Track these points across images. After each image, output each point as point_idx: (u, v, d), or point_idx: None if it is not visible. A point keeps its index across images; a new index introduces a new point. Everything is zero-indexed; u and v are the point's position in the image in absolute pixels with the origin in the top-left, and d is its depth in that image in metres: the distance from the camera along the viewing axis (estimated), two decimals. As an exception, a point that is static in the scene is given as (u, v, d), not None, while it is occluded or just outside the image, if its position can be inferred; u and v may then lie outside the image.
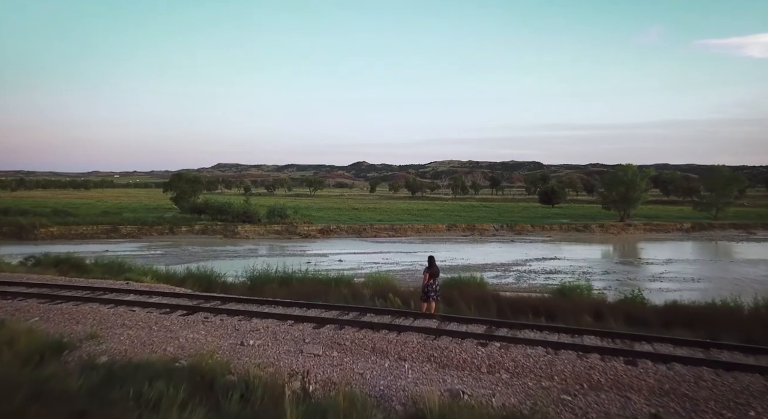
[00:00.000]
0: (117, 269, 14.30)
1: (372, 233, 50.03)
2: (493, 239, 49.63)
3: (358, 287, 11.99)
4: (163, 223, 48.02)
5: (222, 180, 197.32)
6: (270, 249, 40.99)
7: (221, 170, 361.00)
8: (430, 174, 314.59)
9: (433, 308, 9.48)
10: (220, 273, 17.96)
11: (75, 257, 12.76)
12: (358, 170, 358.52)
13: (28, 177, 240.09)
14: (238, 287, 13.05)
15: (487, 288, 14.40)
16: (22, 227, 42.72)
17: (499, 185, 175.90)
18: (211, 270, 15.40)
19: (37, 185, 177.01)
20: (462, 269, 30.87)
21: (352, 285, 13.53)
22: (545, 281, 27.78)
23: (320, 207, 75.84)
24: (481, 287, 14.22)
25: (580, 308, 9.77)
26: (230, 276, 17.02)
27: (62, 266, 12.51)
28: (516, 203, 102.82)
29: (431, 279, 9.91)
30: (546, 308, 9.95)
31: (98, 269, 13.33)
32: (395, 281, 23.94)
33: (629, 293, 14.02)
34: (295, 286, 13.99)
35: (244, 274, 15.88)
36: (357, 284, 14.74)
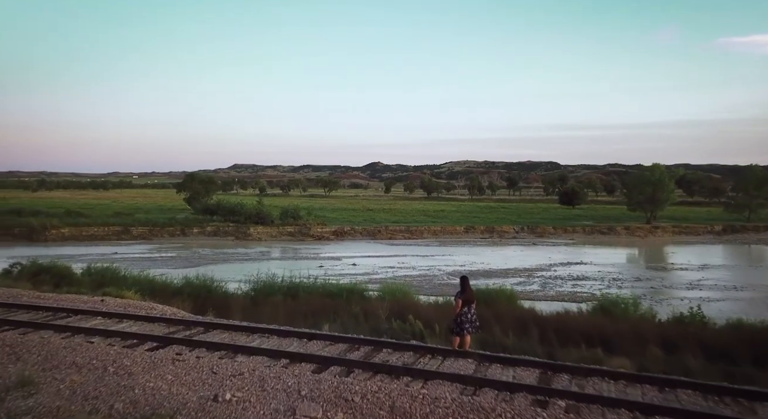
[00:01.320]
0: (108, 280, 12.96)
1: (387, 235, 48.43)
2: (513, 241, 47.61)
3: (372, 304, 10.40)
4: (174, 224, 47.11)
5: (238, 181, 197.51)
6: (282, 252, 39.68)
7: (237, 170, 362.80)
8: (445, 174, 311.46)
9: (467, 344, 7.52)
10: (222, 282, 16.56)
11: (60, 266, 11.48)
12: (373, 171, 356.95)
13: (50, 178, 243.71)
14: (238, 301, 11.57)
15: (518, 302, 12.66)
16: (33, 228, 42.14)
17: (516, 185, 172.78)
18: (211, 279, 13.96)
19: (57, 185, 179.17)
20: (483, 275, 29.11)
21: (365, 300, 11.94)
22: (573, 289, 25.87)
23: (334, 208, 74.51)
24: (512, 301, 12.52)
25: (640, 334, 8.00)
26: (233, 284, 15.61)
27: (43, 275, 11.20)
28: (535, 204, 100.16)
29: (465, 307, 7.77)
30: (598, 333, 8.19)
31: (85, 280, 12.02)
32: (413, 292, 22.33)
33: (684, 310, 12.15)
34: (302, 298, 12.47)
35: (248, 282, 14.42)
36: (371, 298, 13.15)
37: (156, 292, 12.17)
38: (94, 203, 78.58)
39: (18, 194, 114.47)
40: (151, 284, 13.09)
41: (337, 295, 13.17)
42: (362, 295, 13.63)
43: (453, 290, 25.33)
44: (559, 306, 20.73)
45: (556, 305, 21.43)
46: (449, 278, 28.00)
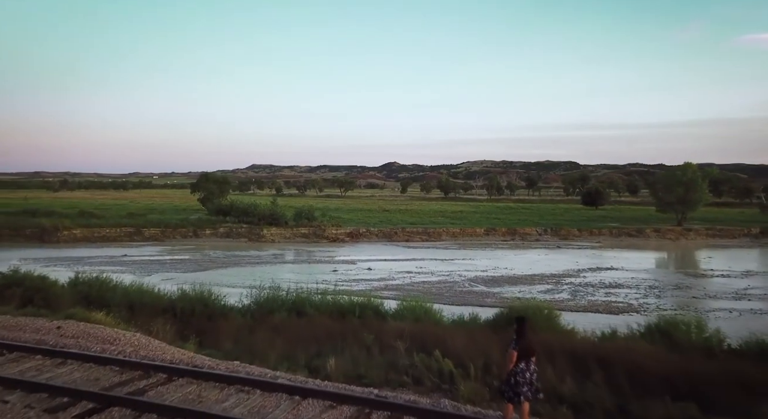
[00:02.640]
0: (95, 293, 11.59)
1: (404, 237, 46.76)
2: (536, 244, 45.50)
3: (388, 326, 8.79)
4: (186, 225, 46.19)
5: (255, 181, 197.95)
6: (295, 255, 38.32)
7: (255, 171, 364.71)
8: (462, 174, 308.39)
9: (525, 413, 5.39)
10: (224, 292, 15.16)
11: (35, 278, 10.14)
12: (389, 171, 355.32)
13: (73, 178, 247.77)
14: (233, 322, 10.06)
15: (558, 321, 10.89)
16: (45, 229, 41.61)
17: (535, 185, 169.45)
18: (209, 291, 12.49)
19: (79, 186, 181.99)
20: (508, 282, 27.28)
21: (380, 319, 10.34)
22: (607, 298, 23.86)
23: (350, 209, 73.09)
24: (551, 322, 10.74)
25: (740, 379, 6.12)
26: (236, 293, 14.17)
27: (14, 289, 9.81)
28: (556, 205, 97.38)
29: (523, 362, 5.45)
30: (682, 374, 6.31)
31: (66, 295, 10.64)
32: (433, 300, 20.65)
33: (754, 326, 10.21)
34: (309, 316, 10.92)
35: (252, 292, 12.94)
36: (386, 315, 11.53)
37: (140, 310, 10.76)
38: (110, 204, 78.60)
39: (40, 195, 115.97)
40: (141, 297, 11.67)
41: (348, 311, 11.58)
42: (377, 310, 12.01)
43: (475, 298, 23.58)
44: (600, 322, 18.86)
45: (593, 318, 19.57)
46: (471, 285, 26.23)
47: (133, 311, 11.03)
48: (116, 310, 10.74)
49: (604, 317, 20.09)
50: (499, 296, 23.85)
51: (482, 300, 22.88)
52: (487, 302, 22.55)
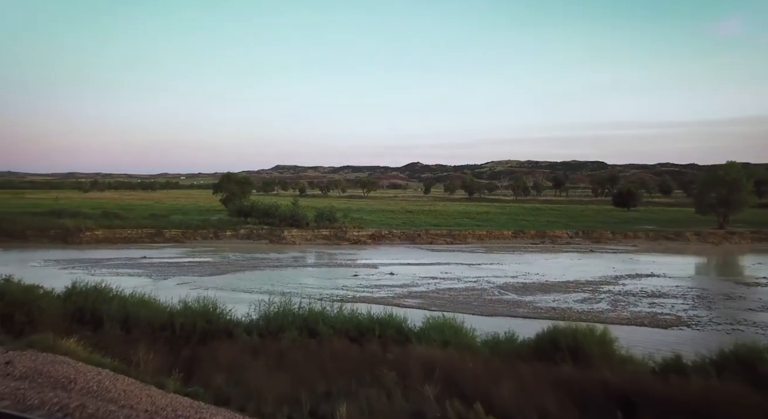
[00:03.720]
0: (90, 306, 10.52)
1: (427, 239, 45.18)
2: (568, 248, 43.30)
3: (413, 360, 7.35)
4: (207, 227, 45.66)
5: (279, 181, 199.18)
6: (316, 258, 37.22)
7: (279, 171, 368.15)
8: (486, 174, 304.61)
9: None
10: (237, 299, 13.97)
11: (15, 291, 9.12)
12: (412, 171, 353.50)
13: (104, 179, 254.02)
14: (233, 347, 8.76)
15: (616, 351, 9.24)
16: (68, 230, 41.62)
17: (562, 185, 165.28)
18: (214, 304, 11.28)
19: (108, 186, 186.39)
20: (540, 289, 25.45)
21: (402, 341, 8.90)
22: (651, 309, 21.83)
23: (372, 209, 71.84)
24: (605, 348, 9.10)
25: None
26: (246, 304, 12.93)
27: None
28: (585, 206, 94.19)
29: None
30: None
31: (52, 309, 9.58)
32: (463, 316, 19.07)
33: None
34: (322, 336, 9.56)
35: (261, 306, 11.67)
36: (411, 334, 10.10)
37: (135, 325, 9.59)
38: (136, 204, 79.33)
39: (71, 195, 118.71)
40: (138, 311, 10.52)
41: (367, 329, 10.18)
42: (399, 328, 10.57)
43: (506, 308, 21.85)
44: (650, 338, 16.99)
45: (639, 333, 17.70)
46: (501, 293, 24.52)
47: (128, 328, 9.89)
48: (109, 326, 9.62)
49: (652, 332, 18.18)
50: (532, 305, 22.11)
51: (514, 310, 21.20)
52: (520, 313, 20.88)
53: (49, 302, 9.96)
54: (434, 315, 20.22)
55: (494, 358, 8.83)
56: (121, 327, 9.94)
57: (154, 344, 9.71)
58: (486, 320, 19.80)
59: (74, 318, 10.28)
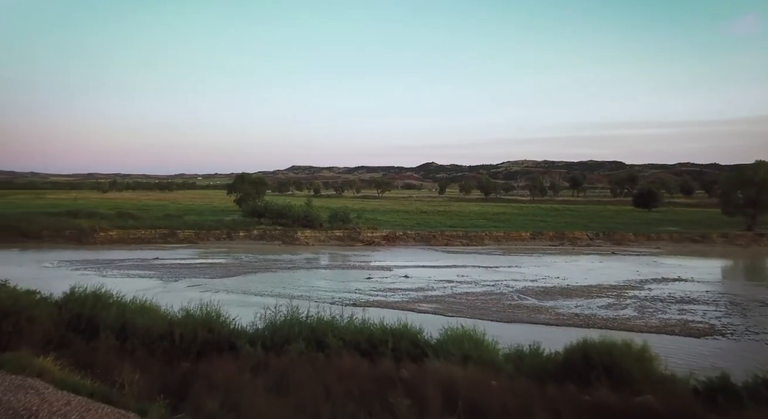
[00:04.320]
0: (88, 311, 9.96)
1: (443, 241, 44.23)
2: (588, 250, 41.97)
3: (430, 380, 6.54)
4: (220, 227, 45.38)
5: (294, 182, 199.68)
6: (329, 259, 36.59)
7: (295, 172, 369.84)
8: (502, 175, 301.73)
9: None
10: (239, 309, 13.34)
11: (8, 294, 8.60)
12: (427, 171, 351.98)
13: (123, 179, 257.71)
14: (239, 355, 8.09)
15: (657, 369, 8.30)
16: (83, 230, 41.68)
17: (580, 185, 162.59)
18: (217, 311, 10.61)
19: (127, 186, 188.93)
20: (561, 294, 24.39)
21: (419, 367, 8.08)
22: (681, 316, 20.64)
23: (387, 210, 71.07)
24: (644, 365, 8.18)
25: None
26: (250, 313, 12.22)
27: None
28: (604, 206, 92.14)
29: None
30: None
31: (44, 317, 9.02)
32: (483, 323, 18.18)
33: None
34: (330, 350, 8.81)
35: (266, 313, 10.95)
36: (425, 346, 9.30)
37: (132, 335, 8.97)
38: (152, 204, 79.77)
39: (90, 195, 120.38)
40: (137, 319, 9.89)
41: (380, 341, 9.39)
42: (415, 341, 9.75)
43: (526, 314, 20.84)
44: (684, 349, 15.91)
45: (671, 342, 16.60)
46: (520, 298, 23.52)
47: (125, 337, 9.27)
48: (104, 336, 9.01)
49: (684, 342, 17.06)
50: (553, 311, 21.09)
51: (535, 317, 20.22)
52: (541, 319, 19.90)
53: (42, 310, 9.38)
54: (451, 321, 19.34)
55: (520, 376, 7.98)
56: (117, 337, 9.30)
57: (152, 356, 9.10)
58: (506, 327, 18.88)
59: (70, 326, 9.70)
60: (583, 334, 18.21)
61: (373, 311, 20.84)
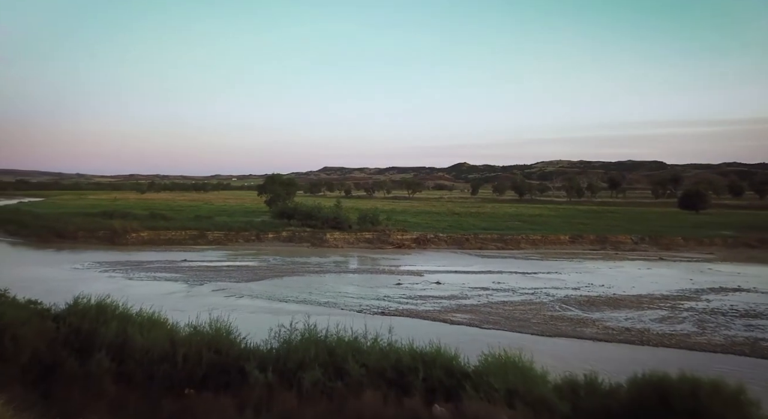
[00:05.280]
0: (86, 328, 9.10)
1: (476, 244, 42.43)
2: (633, 255, 39.35)
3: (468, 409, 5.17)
4: (249, 229, 45.00)
5: (325, 183, 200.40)
6: (358, 262, 35.46)
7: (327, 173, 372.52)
8: (536, 175, 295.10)
9: None
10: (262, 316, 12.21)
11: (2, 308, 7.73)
12: (459, 172, 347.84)
13: (162, 181, 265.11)
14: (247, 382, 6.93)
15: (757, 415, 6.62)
16: (115, 231, 42.03)
17: (619, 186, 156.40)
18: (227, 327, 9.50)
19: (164, 187, 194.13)
20: (607, 304, 22.40)
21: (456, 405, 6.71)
22: (749, 333, 18.39)
23: (417, 211, 69.56)
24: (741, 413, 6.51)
25: None
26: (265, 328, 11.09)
27: None
28: (646, 208, 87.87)
29: None
30: None
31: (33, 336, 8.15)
32: (523, 335, 16.63)
33: None
34: (350, 379, 7.55)
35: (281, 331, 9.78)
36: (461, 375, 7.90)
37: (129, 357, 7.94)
38: (186, 205, 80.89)
39: (128, 196, 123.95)
40: (137, 337, 8.89)
41: (409, 370, 8.05)
42: (449, 369, 8.35)
43: (570, 327, 19.01)
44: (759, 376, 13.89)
45: (740, 365, 14.58)
46: (562, 308, 21.69)
47: (122, 359, 8.28)
48: (99, 358, 8.05)
49: (757, 364, 14.97)
50: (600, 324, 19.22)
51: (580, 330, 18.43)
52: (587, 334, 18.10)
53: (33, 326, 8.51)
54: (487, 335, 17.83)
55: None
56: (114, 357, 8.34)
57: (151, 380, 8.08)
58: (548, 342, 17.21)
59: (66, 344, 8.81)
60: (638, 353, 16.38)
61: (402, 321, 19.53)
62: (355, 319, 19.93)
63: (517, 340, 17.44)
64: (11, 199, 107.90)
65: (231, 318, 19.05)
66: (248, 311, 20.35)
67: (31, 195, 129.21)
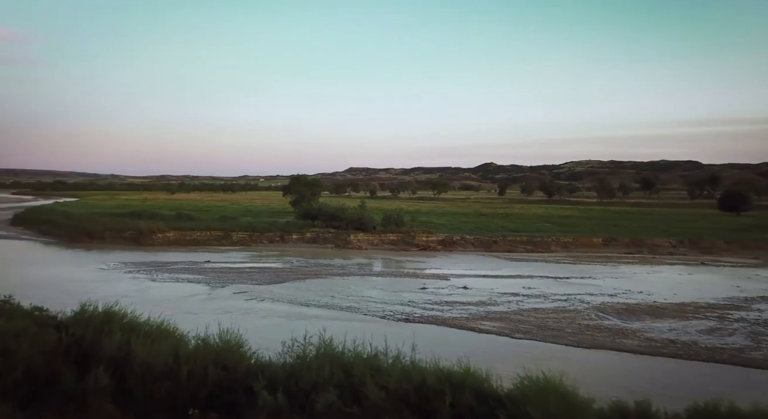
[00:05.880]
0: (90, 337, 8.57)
1: (504, 246, 41.06)
2: (671, 259, 37.32)
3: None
4: (273, 230, 44.76)
5: (351, 183, 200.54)
6: (382, 265, 34.65)
7: (353, 173, 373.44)
8: (565, 175, 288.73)
9: None
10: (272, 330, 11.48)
11: None
12: (485, 172, 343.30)
13: (192, 181, 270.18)
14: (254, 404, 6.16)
15: None
16: (142, 232, 42.38)
17: (653, 187, 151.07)
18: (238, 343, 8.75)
19: (194, 188, 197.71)
20: (648, 313, 20.93)
21: None
22: (811, 349, 16.70)
23: (443, 212, 68.36)
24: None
25: None
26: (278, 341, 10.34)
27: None
28: (683, 210, 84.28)
29: None
30: None
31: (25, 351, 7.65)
32: (555, 346, 15.50)
33: None
34: (368, 403, 6.68)
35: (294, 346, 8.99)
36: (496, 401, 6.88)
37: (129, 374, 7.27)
38: (213, 205, 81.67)
39: (158, 196, 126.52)
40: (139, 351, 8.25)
41: (434, 393, 7.11)
42: (480, 392, 7.38)
43: (609, 338, 17.63)
44: None
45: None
46: (599, 317, 20.35)
47: (123, 374, 7.67)
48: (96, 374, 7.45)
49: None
50: (642, 335, 17.85)
51: (620, 342, 17.12)
52: (628, 346, 16.78)
53: (33, 336, 7.97)
54: (519, 346, 16.70)
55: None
56: (113, 373, 7.72)
57: (152, 399, 7.42)
58: (585, 355, 15.99)
59: (67, 356, 8.25)
60: (687, 369, 14.96)
61: (427, 329, 18.59)
62: (377, 326, 19.10)
63: (551, 351, 16.28)
64: (49, 199, 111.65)
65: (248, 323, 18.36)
66: (268, 315, 19.79)
67: (67, 195, 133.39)
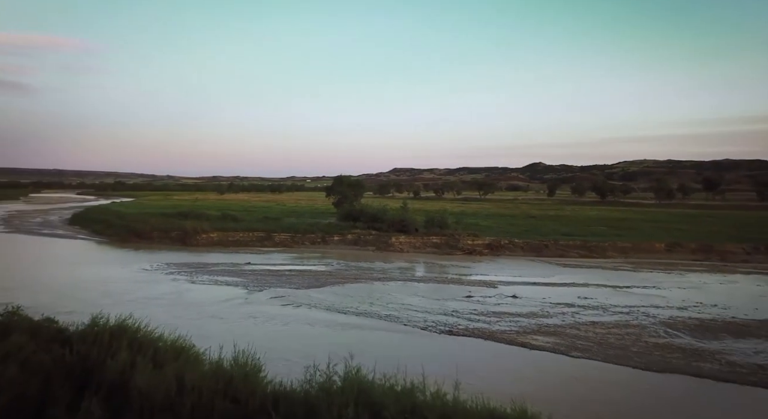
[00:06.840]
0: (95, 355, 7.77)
1: (556, 251, 38.57)
2: (746, 268, 33.70)
3: None
4: (315, 231, 44.22)
5: (394, 184, 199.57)
6: (425, 270, 33.18)
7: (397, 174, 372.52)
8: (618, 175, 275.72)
9: None
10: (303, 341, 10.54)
11: None
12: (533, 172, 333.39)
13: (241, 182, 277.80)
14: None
15: None
16: (186, 232, 42.91)
17: (717, 188, 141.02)
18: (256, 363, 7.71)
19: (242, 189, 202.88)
20: (726, 331, 18.42)
21: None
22: None
23: (489, 214, 65.88)
24: None
25: None
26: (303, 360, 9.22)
27: None
28: (753, 213, 77.61)
29: None
30: None
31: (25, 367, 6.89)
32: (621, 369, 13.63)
33: None
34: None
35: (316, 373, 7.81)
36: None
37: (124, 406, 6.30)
38: (259, 206, 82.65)
39: (209, 196, 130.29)
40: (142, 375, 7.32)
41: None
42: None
43: (683, 359, 15.04)
44: None
45: None
46: (668, 334, 18.05)
47: (120, 405, 6.74)
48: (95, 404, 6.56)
49: None
50: (723, 358, 15.52)
51: (696, 366, 14.91)
52: (706, 371, 14.56)
53: (30, 357, 7.22)
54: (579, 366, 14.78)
55: None
56: (110, 403, 6.80)
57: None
58: (655, 379, 13.95)
59: (66, 379, 7.46)
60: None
61: (472, 344, 17.03)
62: (418, 339, 17.64)
63: (615, 374, 14.37)
64: (108, 199, 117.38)
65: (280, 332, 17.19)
66: (303, 323, 18.84)
67: (125, 195, 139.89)
